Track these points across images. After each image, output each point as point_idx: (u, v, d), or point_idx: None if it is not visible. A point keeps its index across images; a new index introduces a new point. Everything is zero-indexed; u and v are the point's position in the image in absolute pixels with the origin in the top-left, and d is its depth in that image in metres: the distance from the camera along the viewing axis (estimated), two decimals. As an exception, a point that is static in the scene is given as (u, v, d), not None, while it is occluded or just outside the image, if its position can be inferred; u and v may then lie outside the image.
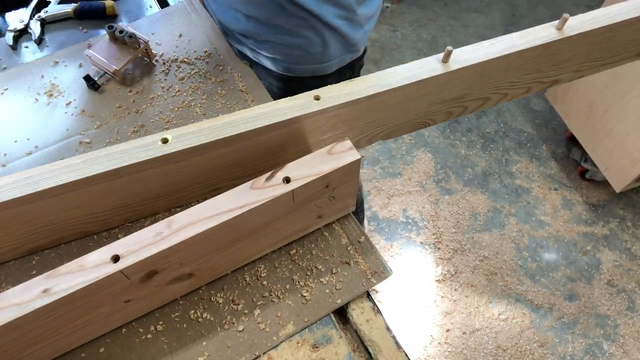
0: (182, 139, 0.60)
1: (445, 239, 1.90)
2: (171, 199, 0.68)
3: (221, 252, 0.61)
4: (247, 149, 0.64)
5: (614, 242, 1.91)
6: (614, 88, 1.73)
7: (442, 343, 1.68)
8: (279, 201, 0.58)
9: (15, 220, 0.60)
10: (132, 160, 0.59)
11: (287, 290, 0.65)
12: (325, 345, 0.62)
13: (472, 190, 2.03)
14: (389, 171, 2.08)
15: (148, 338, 0.62)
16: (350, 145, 0.63)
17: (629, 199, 2.02)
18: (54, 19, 0.98)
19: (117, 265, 0.52)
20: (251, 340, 0.62)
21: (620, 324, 1.72)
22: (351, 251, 0.69)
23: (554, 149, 2.16)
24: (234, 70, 0.88)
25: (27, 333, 0.52)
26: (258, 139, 0.63)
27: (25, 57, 0.93)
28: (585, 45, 0.76)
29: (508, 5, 2.73)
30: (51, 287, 0.51)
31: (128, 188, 0.63)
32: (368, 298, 0.66)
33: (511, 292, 1.78)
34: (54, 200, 0.59)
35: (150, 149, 0.60)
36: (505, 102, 0.77)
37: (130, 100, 0.84)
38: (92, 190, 0.60)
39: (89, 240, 0.69)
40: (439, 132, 2.20)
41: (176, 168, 0.62)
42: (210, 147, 0.61)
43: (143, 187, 0.64)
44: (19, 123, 0.81)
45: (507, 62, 0.70)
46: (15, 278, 0.65)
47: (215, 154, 0.63)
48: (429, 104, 0.72)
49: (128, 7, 1.03)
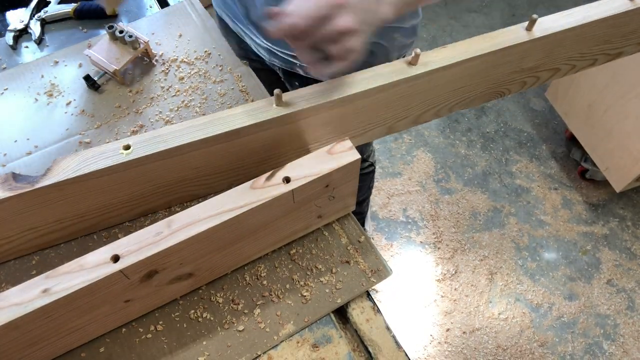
0: (293, 102, 0.62)
1: (445, 238, 1.90)
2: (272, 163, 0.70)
3: (221, 252, 0.61)
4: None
5: (614, 241, 1.91)
6: (614, 88, 1.73)
7: (442, 343, 1.68)
8: (279, 201, 0.58)
9: (139, 180, 0.63)
10: (251, 121, 0.61)
11: (287, 289, 0.65)
12: (325, 344, 0.62)
13: (472, 190, 2.03)
14: (389, 171, 2.08)
15: (148, 338, 0.62)
16: (350, 145, 0.63)
17: (629, 198, 2.02)
18: (54, 19, 0.98)
19: (117, 265, 0.52)
20: (251, 340, 0.62)
21: (620, 323, 1.73)
22: (351, 251, 0.69)
23: (554, 148, 2.16)
24: (234, 70, 0.88)
25: (27, 333, 0.52)
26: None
27: (25, 57, 0.93)
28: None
29: (508, 5, 2.73)
30: (51, 287, 0.51)
31: (241, 149, 0.65)
32: (368, 298, 0.66)
33: (511, 291, 1.78)
34: (178, 159, 0.62)
35: (265, 111, 0.62)
36: (573, 73, 0.84)
37: (130, 100, 0.84)
38: (212, 150, 0.62)
39: (89, 240, 0.69)
40: (438, 132, 2.20)
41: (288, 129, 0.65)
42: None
43: (254, 149, 0.66)
44: (19, 123, 0.81)
45: (583, 32, 0.73)
46: (15, 278, 0.65)
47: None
48: (510, 72, 0.75)
49: (128, 7, 1.03)
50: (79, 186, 0.60)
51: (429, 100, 0.72)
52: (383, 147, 2.15)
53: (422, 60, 0.66)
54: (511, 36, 0.69)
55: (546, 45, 0.73)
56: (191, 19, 0.96)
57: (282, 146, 0.68)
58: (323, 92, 0.63)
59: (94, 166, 0.58)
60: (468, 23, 2.63)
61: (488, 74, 0.73)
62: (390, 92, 0.66)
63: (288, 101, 0.62)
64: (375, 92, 0.64)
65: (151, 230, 0.55)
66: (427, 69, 0.65)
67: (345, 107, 0.64)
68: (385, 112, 0.70)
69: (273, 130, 0.64)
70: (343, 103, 0.63)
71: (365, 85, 0.63)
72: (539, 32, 0.69)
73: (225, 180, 0.70)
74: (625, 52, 0.87)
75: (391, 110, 0.70)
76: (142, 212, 0.70)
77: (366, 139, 0.73)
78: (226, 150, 0.64)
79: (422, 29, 2.58)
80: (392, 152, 2.14)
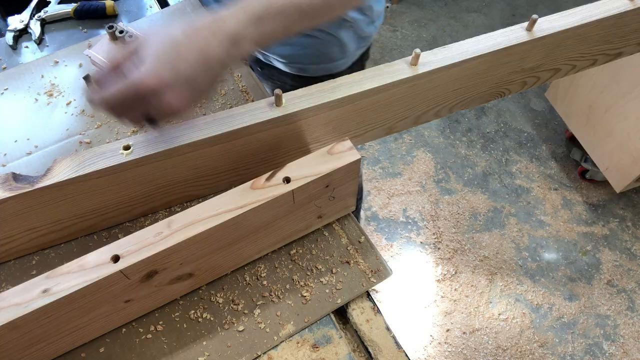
0: (293, 102, 0.62)
1: (445, 239, 1.90)
2: (272, 163, 0.71)
3: (221, 252, 0.61)
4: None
5: (614, 242, 1.91)
6: (615, 88, 1.73)
7: (442, 343, 1.67)
8: (279, 201, 0.58)
9: (139, 180, 0.63)
10: (252, 121, 0.61)
11: (287, 290, 0.65)
12: (325, 345, 0.62)
13: (472, 190, 2.03)
14: (389, 171, 2.08)
15: (148, 338, 0.62)
16: (350, 145, 0.63)
17: (629, 199, 2.02)
18: (54, 19, 0.98)
19: (117, 265, 0.52)
20: (251, 340, 0.61)
21: (620, 324, 1.72)
22: (351, 251, 0.69)
23: (554, 149, 2.16)
24: (234, 70, 0.88)
25: (27, 333, 0.52)
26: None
27: (25, 57, 0.93)
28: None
29: (508, 5, 2.73)
30: (51, 287, 0.51)
31: (242, 150, 0.65)
32: (368, 298, 0.66)
33: (511, 292, 1.78)
34: (178, 159, 0.62)
35: (265, 111, 0.62)
36: (573, 73, 0.85)
37: (130, 100, 0.84)
38: (213, 150, 0.63)
39: (89, 240, 0.69)
40: (439, 132, 2.20)
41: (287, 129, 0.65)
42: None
43: (254, 149, 0.66)
44: (19, 123, 0.81)
45: (583, 32, 0.74)
46: (15, 278, 0.65)
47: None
48: (510, 72, 0.75)
49: (128, 7, 1.03)
50: (80, 186, 0.60)
51: (429, 100, 0.72)
52: (383, 147, 2.15)
53: (422, 61, 0.66)
54: (511, 36, 0.69)
55: (546, 46, 0.73)
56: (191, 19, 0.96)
57: (282, 146, 0.68)
58: (324, 92, 0.63)
59: (94, 166, 0.58)
60: (468, 23, 2.63)
61: (489, 74, 0.73)
62: (391, 92, 0.66)
63: (288, 101, 0.62)
64: (376, 92, 0.64)
65: (151, 230, 0.55)
66: (427, 69, 0.65)
67: (345, 107, 0.64)
68: (386, 112, 0.70)
69: (273, 131, 0.64)
70: (343, 103, 0.63)
71: (366, 86, 0.63)
72: (539, 32, 0.70)
73: (225, 181, 0.70)
74: (625, 52, 0.87)
75: (391, 111, 0.70)
76: (142, 212, 0.70)
77: (366, 139, 0.73)
78: (227, 150, 0.64)
79: (422, 29, 2.59)
80: (392, 152, 2.14)
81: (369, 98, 0.65)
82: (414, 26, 2.61)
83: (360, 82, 0.63)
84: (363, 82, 0.64)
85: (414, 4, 2.73)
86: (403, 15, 2.67)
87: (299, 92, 0.63)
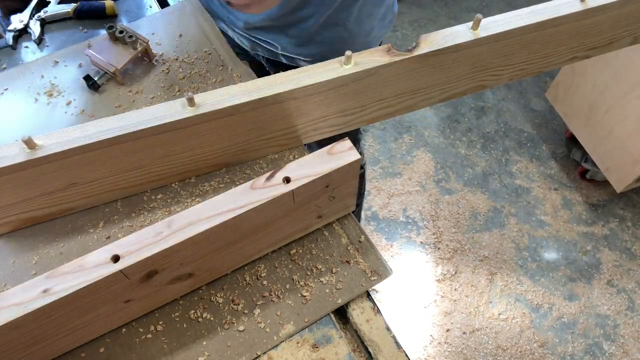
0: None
1: (445, 238, 1.90)
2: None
3: (221, 252, 0.61)
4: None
5: (614, 242, 1.91)
6: (615, 88, 1.73)
7: (442, 343, 1.68)
8: (279, 201, 0.58)
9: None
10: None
11: (287, 290, 0.65)
12: (325, 345, 0.62)
13: (472, 190, 2.03)
14: (389, 171, 2.08)
15: (148, 338, 0.62)
16: (350, 145, 0.63)
17: (629, 199, 2.02)
18: (54, 19, 0.98)
19: (117, 265, 0.52)
20: (251, 340, 0.62)
21: (620, 323, 1.72)
22: (351, 251, 0.69)
23: (554, 149, 2.16)
24: (234, 70, 0.88)
25: (27, 333, 0.52)
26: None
27: (25, 57, 0.93)
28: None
29: (508, 5, 2.73)
30: (51, 287, 0.51)
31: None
32: (368, 298, 0.66)
33: (511, 292, 1.78)
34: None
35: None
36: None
37: (130, 100, 0.84)
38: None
39: (89, 240, 0.69)
40: (439, 132, 2.20)
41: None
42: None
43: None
44: (19, 123, 0.81)
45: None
46: (15, 278, 0.65)
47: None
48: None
49: (128, 7, 1.03)
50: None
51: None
52: (383, 147, 2.15)
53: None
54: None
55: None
56: (191, 19, 0.96)
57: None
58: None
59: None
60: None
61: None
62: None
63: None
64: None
65: (151, 231, 0.55)
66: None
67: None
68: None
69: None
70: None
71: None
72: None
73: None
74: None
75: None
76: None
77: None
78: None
79: (422, 29, 2.59)
80: (392, 152, 2.14)
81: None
82: (414, 26, 2.61)
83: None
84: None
85: (414, 4, 2.73)
86: (403, 15, 2.67)
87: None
